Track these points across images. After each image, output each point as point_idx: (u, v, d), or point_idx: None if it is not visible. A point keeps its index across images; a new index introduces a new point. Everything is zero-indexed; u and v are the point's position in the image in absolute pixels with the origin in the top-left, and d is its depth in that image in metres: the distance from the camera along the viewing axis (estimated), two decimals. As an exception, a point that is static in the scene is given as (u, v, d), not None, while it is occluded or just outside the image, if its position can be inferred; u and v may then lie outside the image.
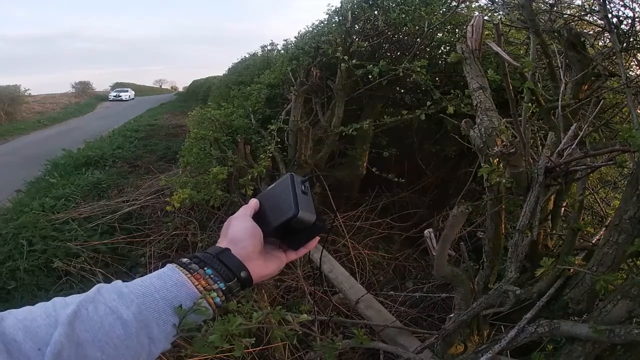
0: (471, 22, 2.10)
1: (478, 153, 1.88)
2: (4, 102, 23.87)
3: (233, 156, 3.75)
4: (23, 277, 4.47)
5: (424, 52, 3.99)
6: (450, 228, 1.62)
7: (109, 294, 0.69)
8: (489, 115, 1.84)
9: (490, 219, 2.01)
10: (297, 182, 0.95)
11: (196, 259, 0.78)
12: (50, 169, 9.18)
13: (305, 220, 0.89)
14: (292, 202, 0.89)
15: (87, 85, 48.60)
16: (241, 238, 0.85)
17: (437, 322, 3.38)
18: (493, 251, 2.09)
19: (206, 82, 25.02)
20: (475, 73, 1.98)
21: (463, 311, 1.86)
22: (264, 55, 7.98)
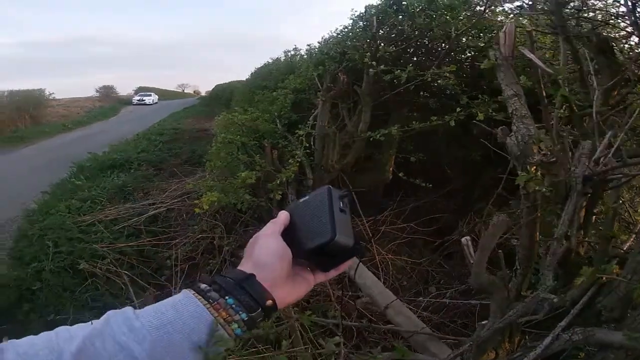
0: (503, 29, 2.09)
1: (514, 161, 1.87)
2: (29, 106, 24.18)
3: (260, 161, 3.77)
4: (48, 278, 4.53)
5: (449, 57, 3.97)
6: (490, 236, 1.61)
7: (118, 326, 0.63)
8: (525, 123, 1.83)
9: (525, 226, 2.00)
10: (335, 198, 0.83)
11: (216, 286, 0.70)
12: (76, 171, 9.29)
13: (342, 245, 0.79)
14: (329, 223, 0.78)
15: (111, 89, 49.19)
16: (268, 262, 0.76)
17: (459, 327, 3.35)
18: (527, 259, 2.07)
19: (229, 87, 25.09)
20: (510, 80, 1.97)
21: (498, 319, 1.85)
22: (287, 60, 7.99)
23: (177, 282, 4.16)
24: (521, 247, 2.06)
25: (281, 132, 4.29)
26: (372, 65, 3.37)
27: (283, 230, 0.83)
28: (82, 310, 4.02)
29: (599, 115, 2.05)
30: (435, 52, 4.14)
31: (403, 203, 4.80)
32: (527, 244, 2.03)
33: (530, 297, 1.74)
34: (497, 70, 2.02)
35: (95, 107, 36.59)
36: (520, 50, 2.00)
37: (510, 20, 2.31)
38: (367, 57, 3.44)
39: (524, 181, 1.76)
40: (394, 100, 4.00)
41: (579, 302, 1.70)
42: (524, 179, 1.74)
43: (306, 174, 3.92)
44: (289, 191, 3.79)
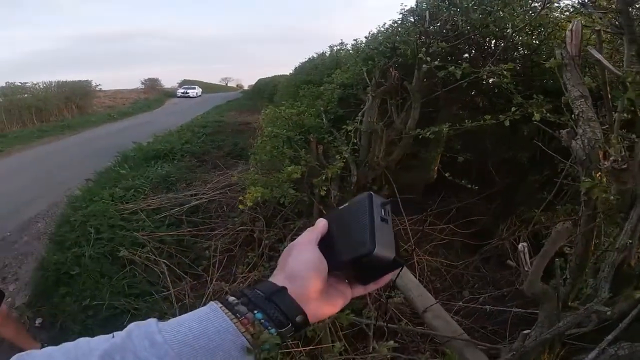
0: (570, 27, 2.00)
1: (579, 166, 1.78)
2: (77, 96, 24.97)
3: (306, 155, 3.74)
4: (87, 263, 4.63)
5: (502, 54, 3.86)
6: (552, 244, 1.53)
7: (140, 341, 0.61)
8: (591, 126, 1.74)
9: (582, 235, 1.91)
10: (377, 206, 0.78)
11: (245, 299, 0.68)
12: (121, 160, 9.51)
13: (381, 258, 0.74)
14: (368, 234, 0.74)
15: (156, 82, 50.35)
16: (301, 274, 0.73)
17: (489, 334, 3.27)
18: (579, 268, 1.99)
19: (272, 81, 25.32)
20: (576, 80, 1.88)
21: (546, 329, 1.78)
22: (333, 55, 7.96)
23: (214, 272, 4.18)
24: (574, 255, 1.98)
25: (327, 127, 4.26)
26: (426, 61, 3.28)
27: (320, 239, 0.80)
28: (118, 297, 4.09)
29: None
30: (488, 49, 4.04)
31: (444, 204, 4.72)
32: (581, 252, 1.95)
33: (583, 309, 1.66)
34: (563, 70, 1.93)
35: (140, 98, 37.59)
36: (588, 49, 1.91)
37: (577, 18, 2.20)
38: (422, 52, 3.36)
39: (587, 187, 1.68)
40: (444, 97, 3.92)
41: (628, 315, 1.61)
42: (588, 185, 1.66)
43: (350, 170, 3.86)
44: (332, 187, 3.75)
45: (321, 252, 0.77)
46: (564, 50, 1.96)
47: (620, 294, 1.78)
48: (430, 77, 3.65)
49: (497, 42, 3.96)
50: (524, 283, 1.71)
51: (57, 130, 18.45)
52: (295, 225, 4.10)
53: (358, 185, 3.92)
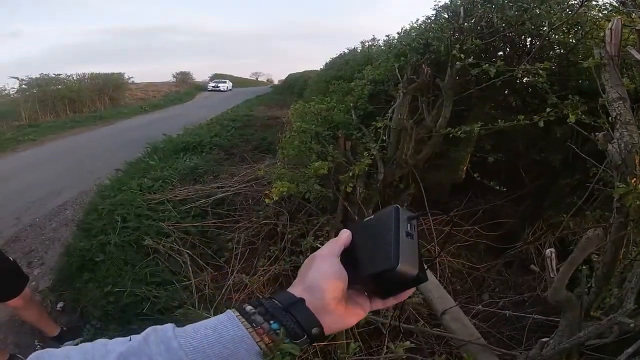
0: (609, 26, 1.93)
1: (613, 170, 1.72)
2: (109, 88, 25.44)
3: (333, 151, 3.71)
4: (112, 251, 4.68)
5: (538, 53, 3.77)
6: (581, 251, 1.49)
7: (156, 346, 0.63)
8: (629, 130, 1.68)
9: (611, 243, 1.85)
10: (403, 220, 0.78)
11: (262, 308, 0.69)
12: (150, 151, 9.58)
13: (404, 274, 0.73)
14: (392, 250, 0.73)
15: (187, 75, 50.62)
16: (320, 286, 0.73)
17: (505, 339, 3.21)
18: (605, 277, 1.93)
19: (302, 76, 25.41)
20: (615, 82, 1.82)
21: (566, 338, 1.73)
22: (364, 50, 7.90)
23: (235, 264, 4.21)
24: (602, 264, 1.92)
25: (355, 124, 4.22)
26: (460, 58, 3.22)
27: (343, 250, 0.81)
28: (140, 284, 4.13)
29: None
30: (523, 47, 3.95)
31: (470, 204, 4.65)
32: (609, 261, 1.89)
33: (606, 320, 1.60)
34: (602, 70, 1.87)
35: (172, 91, 37.95)
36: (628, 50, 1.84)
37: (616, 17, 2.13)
38: (456, 49, 3.29)
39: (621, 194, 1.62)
40: (476, 96, 3.85)
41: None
42: (623, 191, 1.60)
43: (377, 167, 3.82)
44: (358, 184, 3.72)
45: (343, 264, 0.78)
46: (602, 50, 1.89)
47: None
48: (463, 75, 3.59)
49: (532, 40, 3.87)
50: (548, 290, 1.66)
51: (89, 121, 18.82)
52: (319, 221, 4.08)
53: (385, 183, 3.89)
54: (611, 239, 1.81)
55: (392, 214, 0.79)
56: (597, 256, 2.00)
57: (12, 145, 12.60)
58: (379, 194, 3.95)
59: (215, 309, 3.53)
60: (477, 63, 3.20)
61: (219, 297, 3.73)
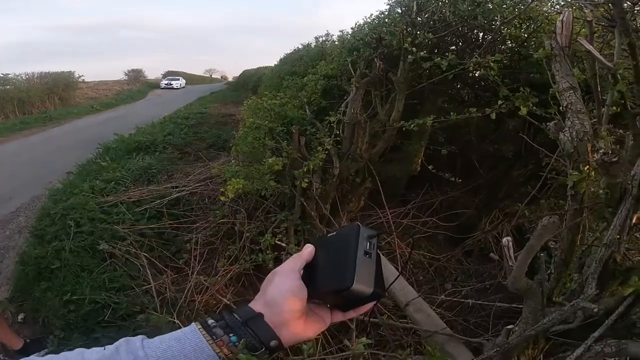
0: (561, 17, 1.96)
1: (567, 158, 1.74)
2: (59, 88, 24.88)
3: (287, 147, 3.68)
4: (68, 257, 4.55)
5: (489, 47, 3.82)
6: (538, 239, 1.49)
7: (126, 355, 0.68)
8: (580, 118, 1.70)
9: (568, 229, 1.88)
10: (363, 238, 0.80)
11: (223, 322, 0.73)
12: (102, 152, 9.35)
13: (359, 293, 0.76)
14: (349, 270, 0.76)
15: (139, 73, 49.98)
16: (279, 302, 0.76)
17: (472, 327, 3.29)
18: (564, 263, 1.96)
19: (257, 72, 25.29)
20: (566, 72, 1.83)
21: (530, 325, 1.74)
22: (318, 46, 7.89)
23: (195, 265, 4.14)
24: (560, 250, 1.95)
25: (309, 119, 4.19)
26: (412, 52, 3.23)
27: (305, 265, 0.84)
28: (99, 291, 4.04)
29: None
30: (475, 41, 4.00)
31: (427, 196, 4.70)
32: (566, 247, 1.92)
33: (569, 305, 1.61)
34: (553, 61, 1.89)
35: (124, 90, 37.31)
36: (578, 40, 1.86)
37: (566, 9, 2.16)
38: (408, 42, 3.30)
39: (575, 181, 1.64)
40: (429, 89, 3.88)
41: (614, 312, 1.59)
42: (576, 178, 1.62)
43: (333, 162, 3.80)
44: (314, 179, 3.70)
45: (305, 277, 0.81)
46: (553, 41, 1.91)
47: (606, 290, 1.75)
48: (416, 69, 3.60)
49: (484, 34, 3.92)
50: (508, 278, 1.67)
51: (39, 122, 18.34)
52: (277, 218, 4.04)
53: (341, 177, 3.88)
54: (567, 226, 1.84)
55: (353, 233, 0.81)
56: (555, 243, 2.03)
57: (-44, 150, 12.09)
58: (335, 189, 3.94)
59: (179, 312, 3.49)
60: (428, 57, 3.21)
61: (181, 299, 3.66)
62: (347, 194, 4.19)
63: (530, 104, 2.84)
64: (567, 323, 1.82)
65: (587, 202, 1.74)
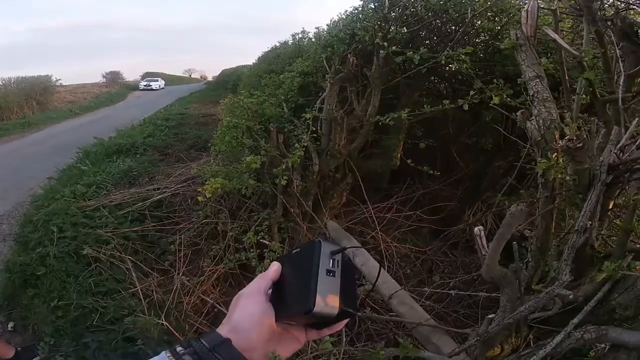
0: (526, 7, 1.98)
1: (534, 146, 1.77)
2: (36, 92, 24.47)
3: (266, 145, 3.68)
4: (52, 263, 4.51)
5: (464, 40, 3.85)
6: (507, 227, 1.51)
7: None
8: (546, 107, 1.72)
9: (541, 217, 1.91)
10: (325, 256, 0.76)
11: (191, 349, 0.71)
12: (82, 156, 9.23)
13: (323, 315, 0.73)
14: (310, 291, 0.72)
15: (118, 75, 49.49)
16: (245, 326, 0.75)
17: (462, 318, 3.33)
18: (540, 251, 1.99)
19: (235, 71, 25.21)
20: (531, 61, 1.86)
21: (508, 313, 1.76)
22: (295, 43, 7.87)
23: (180, 267, 4.15)
24: (535, 238, 1.98)
25: (287, 116, 4.19)
26: (384, 47, 3.24)
27: (273, 283, 0.82)
28: (85, 296, 4.02)
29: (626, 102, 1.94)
30: (449, 34, 4.02)
31: (409, 190, 4.74)
32: (541, 235, 1.95)
33: (545, 293, 1.64)
34: (518, 50, 1.91)
35: (102, 92, 36.79)
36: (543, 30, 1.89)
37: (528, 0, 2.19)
38: (379, 37, 3.31)
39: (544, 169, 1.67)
40: (404, 84, 3.90)
41: (593, 298, 1.62)
42: (545, 166, 1.64)
43: (312, 159, 3.81)
44: (294, 176, 3.71)
45: (273, 297, 0.80)
46: (519, 31, 1.93)
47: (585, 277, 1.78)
48: (389, 64, 3.61)
49: (457, 27, 3.94)
50: (482, 267, 1.69)
51: (17, 127, 17.99)
52: (260, 217, 4.04)
53: (321, 174, 3.89)
54: (540, 213, 1.86)
55: (315, 250, 0.77)
56: (530, 231, 2.06)
57: None
58: (316, 185, 3.95)
59: (167, 314, 3.48)
60: (401, 51, 3.23)
61: (168, 301, 3.65)
62: (328, 190, 4.20)
63: (503, 95, 2.87)
64: (546, 310, 1.84)
65: (558, 189, 1.76)
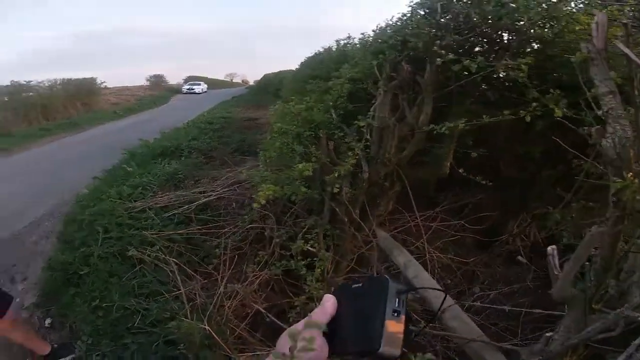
0: (595, 19, 1.93)
1: (608, 165, 1.72)
2: (82, 94, 25.16)
3: (316, 152, 3.68)
4: (96, 263, 4.64)
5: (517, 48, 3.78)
6: (586, 248, 1.48)
7: None
8: (621, 124, 1.67)
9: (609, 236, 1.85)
10: (391, 295, 0.76)
11: None
12: (128, 158, 9.46)
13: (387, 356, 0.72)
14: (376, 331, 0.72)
15: (161, 78, 50.55)
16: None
17: (500, 331, 3.25)
18: (604, 271, 1.93)
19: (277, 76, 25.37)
20: (604, 75, 1.81)
21: (573, 334, 1.72)
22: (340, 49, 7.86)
23: (225, 271, 4.16)
24: (601, 258, 1.92)
25: (336, 123, 4.17)
26: (441, 54, 3.20)
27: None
28: (128, 297, 4.09)
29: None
30: (500, 42, 3.95)
31: (455, 199, 4.67)
32: (608, 255, 1.88)
33: (613, 314, 1.59)
34: (590, 64, 1.86)
35: (146, 95, 37.70)
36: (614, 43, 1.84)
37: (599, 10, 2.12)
38: (437, 45, 3.27)
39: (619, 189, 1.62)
40: (456, 92, 3.84)
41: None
42: (620, 186, 1.59)
43: (361, 167, 3.79)
44: (344, 184, 3.69)
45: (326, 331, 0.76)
46: (589, 44, 1.88)
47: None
48: (443, 71, 3.57)
49: (509, 35, 3.87)
50: (553, 287, 1.65)
51: (63, 128, 18.66)
52: (307, 223, 4.03)
53: (370, 181, 3.87)
54: (608, 233, 1.81)
55: (382, 289, 0.77)
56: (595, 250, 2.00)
57: (-16, 157, 12.33)
58: (364, 193, 3.93)
59: (209, 319, 3.47)
60: (457, 59, 3.18)
61: (211, 306, 3.67)
62: (376, 198, 4.17)
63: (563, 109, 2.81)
64: (609, 331, 1.79)
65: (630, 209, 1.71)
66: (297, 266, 3.57)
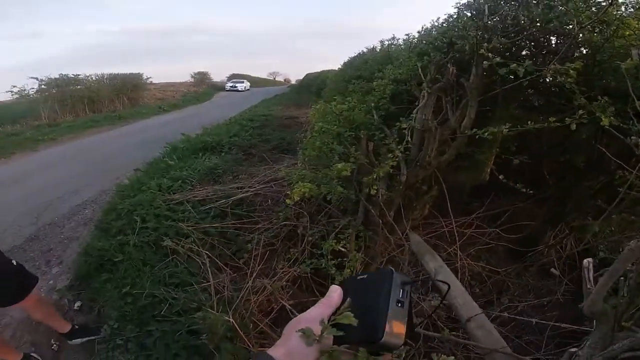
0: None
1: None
2: (128, 88, 25.82)
3: (356, 152, 3.66)
4: (131, 251, 4.70)
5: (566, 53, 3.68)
6: (623, 263, 1.42)
7: None
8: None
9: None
10: (396, 285, 0.78)
11: None
12: (169, 151, 9.59)
13: (390, 345, 0.75)
14: (379, 320, 0.74)
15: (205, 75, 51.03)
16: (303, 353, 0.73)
17: (524, 344, 3.18)
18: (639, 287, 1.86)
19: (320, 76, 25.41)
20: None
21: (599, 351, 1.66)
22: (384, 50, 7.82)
23: (255, 266, 4.18)
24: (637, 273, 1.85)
25: (377, 124, 4.14)
26: (488, 57, 3.14)
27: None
28: (158, 285, 4.14)
29: None
30: (548, 46, 3.85)
31: (492, 206, 4.56)
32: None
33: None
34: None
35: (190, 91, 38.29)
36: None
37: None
38: (484, 47, 3.21)
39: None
40: (501, 96, 3.76)
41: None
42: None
43: (399, 169, 3.75)
44: (380, 186, 3.66)
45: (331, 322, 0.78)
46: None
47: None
48: (489, 75, 3.51)
49: (558, 39, 3.77)
50: (585, 301, 1.60)
51: (108, 120, 19.17)
52: (340, 223, 4.02)
53: (407, 184, 3.82)
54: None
55: (386, 279, 0.79)
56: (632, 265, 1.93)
57: (32, 145, 12.87)
58: (401, 195, 3.89)
59: (234, 311, 3.50)
60: (504, 62, 3.11)
61: (238, 299, 3.69)
62: (411, 201, 4.13)
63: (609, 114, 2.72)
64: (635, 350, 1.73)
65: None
66: (327, 265, 3.57)
